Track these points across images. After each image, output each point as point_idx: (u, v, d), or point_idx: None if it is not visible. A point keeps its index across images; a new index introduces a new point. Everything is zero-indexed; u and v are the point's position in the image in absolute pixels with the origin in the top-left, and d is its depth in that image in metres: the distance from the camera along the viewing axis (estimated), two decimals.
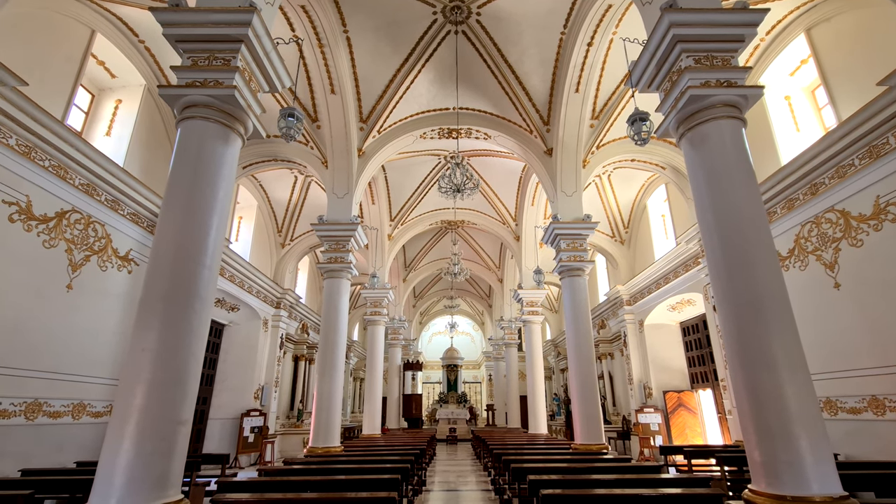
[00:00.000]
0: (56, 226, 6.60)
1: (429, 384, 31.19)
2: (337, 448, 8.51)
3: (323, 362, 8.89)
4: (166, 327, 3.65)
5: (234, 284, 12.02)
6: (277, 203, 14.19)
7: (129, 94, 8.64)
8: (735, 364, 3.85)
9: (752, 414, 3.65)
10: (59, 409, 6.58)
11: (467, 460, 13.82)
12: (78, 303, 6.95)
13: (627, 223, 14.86)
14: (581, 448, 8.28)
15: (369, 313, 14.76)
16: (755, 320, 3.74)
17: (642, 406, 13.29)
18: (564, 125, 9.67)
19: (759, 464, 3.57)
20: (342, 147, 9.91)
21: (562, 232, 9.51)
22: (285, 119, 4.87)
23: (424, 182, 14.27)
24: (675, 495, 3.73)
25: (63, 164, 6.69)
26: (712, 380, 11.58)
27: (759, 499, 3.49)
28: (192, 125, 4.29)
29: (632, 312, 14.45)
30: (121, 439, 3.36)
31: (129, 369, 3.55)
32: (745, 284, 3.87)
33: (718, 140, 4.33)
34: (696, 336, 12.52)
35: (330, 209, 9.81)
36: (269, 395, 13.74)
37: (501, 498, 7.38)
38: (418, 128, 10.59)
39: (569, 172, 10.00)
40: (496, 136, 10.73)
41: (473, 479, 10.02)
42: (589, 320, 9.21)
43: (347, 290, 9.62)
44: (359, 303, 23.35)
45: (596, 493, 3.72)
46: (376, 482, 4.53)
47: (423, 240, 18.87)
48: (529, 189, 13.84)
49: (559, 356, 22.19)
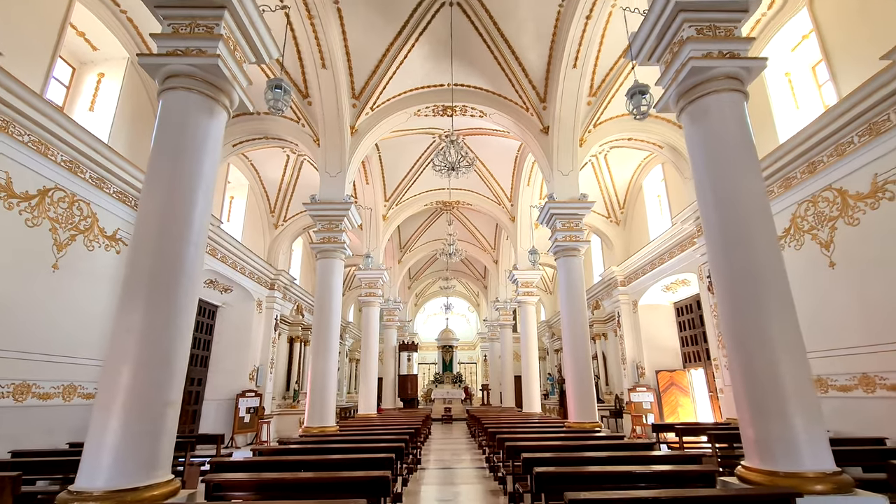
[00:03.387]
0: (39, 204, 6.41)
1: (424, 365, 31.40)
2: (332, 427, 8.54)
3: (317, 342, 8.84)
4: (152, 306, 3.55)
5: (227, 265, 11.89)
6: (270, 183, 13.95)
7: (111, 67, 8.34)
8: (731, 342, 3.82)
9: (747, 391, 3.64)
10: (48, 390, 6.51)
11: (462, 439, 13.99)
12: (65, 283, 6.81)
13: (623, 204, 14.77)
14: (575, 426, 8.36)
15: (364, 294, 14.70)
16: (753, 298, 3.70)
17: (635, 385, 13.43)
18: (561, 102, 9.47)
19: (752, 440, 3.57)
20: (334, 124, 9.67)
21: (557, 211, 9.42)
22: (272, 91, 4.68)
23: (419, 162, 14.05)
24: (667, 472, 3.74)
25: (44, 139, 6.46)
26: (704, 359, 11.69)
27: (752, 474, 3.50)
28: (174, 96, 4.11)
29: (626, 293, 14.48)
30: (107, 419, 3.28)
31: (114, 350, 3.46)
32: (744, 261, 3.80)
33: (719, 114, 4.22)
34: (689, 316, 12.59)
35: (322, 188, 9.63)
36: (265, 376, 13.76)
37: (496, 475, 7.46)
38: (412, 105, 10.34)
39: (565, 151, 9.85)
40: (492, 113, 10.51)
41: (468, 458, 10.14)
42: (584, 300, 9.19)
43: (341, 271, 9.53)
44: (353, 284, 23.31)
45: (588, 470, 3.72)
46: (371, 461, 4.52)
47: (418, 221, 18.72)
48: (525, 169, 13.68)
49: (553, 337, 22.36)
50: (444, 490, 7.01)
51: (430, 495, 6.57)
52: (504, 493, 6.44)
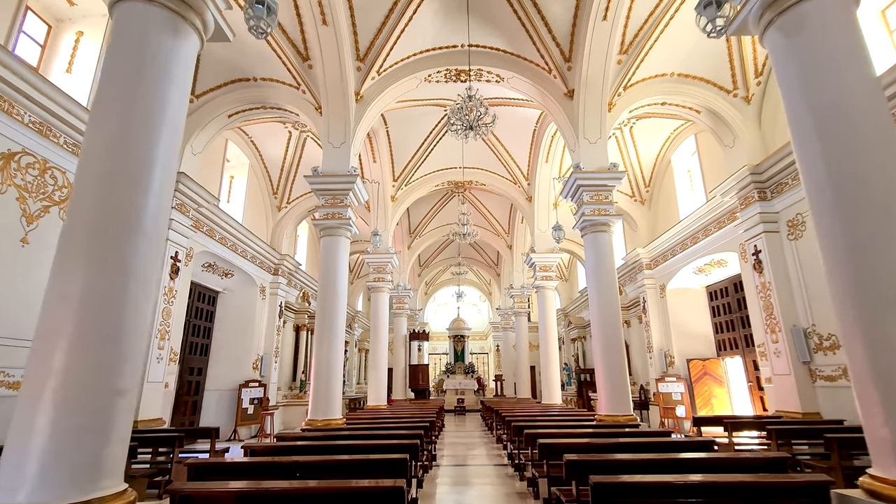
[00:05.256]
0: (3, 168, 5.65)
1: (435, 355, 30.68)
2: (338, 420, 7.78)
3: (321, 327, 8.06)
4: (95, 269, 2.75)
5: (227, 248, 11.14)
6: (271, 162, 13.15)
7: (91, 25, 7.53)
8: (849, 310, 2.91)
9: (878, 376, 2.74)
10: (20, 378, 5.79)
11: (477, 431, 13.22)
12: (37, 260, 6.07)
13: (649, 181, 13.74)
14: (607, 420, 7.50)
15: (373, 279, 13.92)
16: (886, 243, 2.77)
17: (663, 375, 12.52)
18: (589, 61, 8.49)
19: (888, 442, 2.68)
20: (337, 90, 8.79)
21: (585, 182, 8.49)
22: (253, 7, 3.80)
23: (430, 137, 13.14)
24: (767, 484, 2.86)
25: (8, 96, 5.69)
26: (743, 346, 10.73)
27: (887, 488, 2.61)
28: (129, 9, 3.27)
29: (652, 277, 13.51)
30: (34, 414, 2.50)
31: (44, 324, 2.67)
32: (867, 198, 2.88)
33: (821, 22, 3.28)
34: (724, 300, 11.60)
35: (325, 160, 8.79)
36: (269, 366, 13.07)
37: (521, 475, 6.64)
38: (422, 69, 9.41)
39: (592, 116, 8.88)
40: (510, 77, 9.55)
41: (486, 453, 9.35)
42: (615, 280, 8.29)
43: (346, 249, 8.71)
44: (362, 272, 22.57)
45: (665, 480, 2.86)
46: (381, 463, 3.71)
47: (429, 203, 17.83)
48: (544, 143, 12.70)
49: (570, 325, 21.43)
50: (465, 492, 6.20)
51: (450, 499, 5.77)
52: (534, 495, 5.62)
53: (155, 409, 7.90)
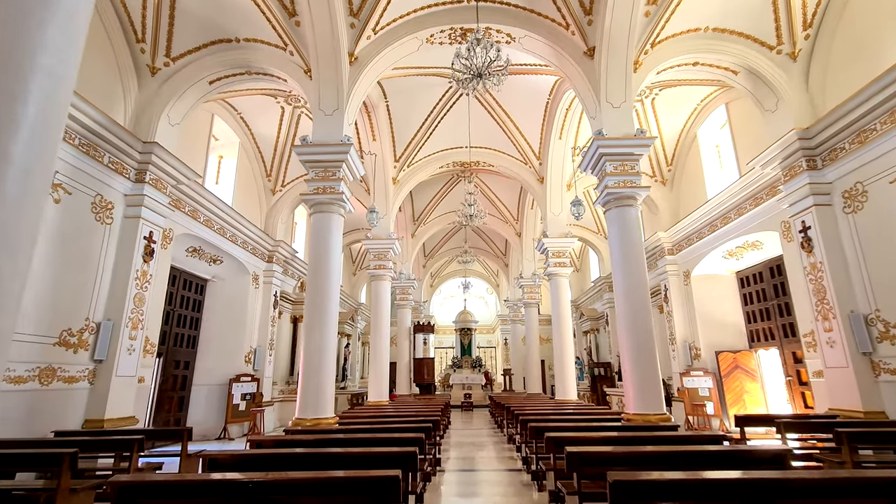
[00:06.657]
0: None
1: (441, 349, 29.81)
2: (330, 419, 6.88)
3: (311, 313, 7.15)
4: None
5: (213, 231, 10.25)
6: (264, 141, 12.24)
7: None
8: None
9: None
10: None
11: (485, 429, 12.32)
12: None
13: (671, 160, 12.67)
14: (636, 420, 6.54)
15: (373, 266, 13.01)
16: None
17: (688, 368, 11.52)
18: (612, 11, 7.44)
19: None
20: (328, 50, 7.83)
21: (609, 151, 7.49)
22: None
23: (434, 113, 12.15)
24: None
25: None
26: (780, 337, 9.70)
27: None
28: None
29: (675, 263, 12.47)
30: None
31: None
32: None
33: None
34: (758, 287, 10.54)
35: (316, 128, 7.86)
36: (263, 359, 12.22)
37: (539, 483, 5.71)
38: (424, 27, 8.40)
39: (616, 77, 7.86)
40: (522, 37, 8.52)
41: (497, 454, 8.43)
42: (643, 261, 7.29)
43: (339, 228, 7.80)
44: (365, 263, 21.70)
45: None
46: (366, 483, 2.79)
47: (433, 188, 16.85)
48: (558, 117, 11.65)
49: (581, 317, 20.42)
50: None
51: None
52: None
53: (125, 406, 7.05)
